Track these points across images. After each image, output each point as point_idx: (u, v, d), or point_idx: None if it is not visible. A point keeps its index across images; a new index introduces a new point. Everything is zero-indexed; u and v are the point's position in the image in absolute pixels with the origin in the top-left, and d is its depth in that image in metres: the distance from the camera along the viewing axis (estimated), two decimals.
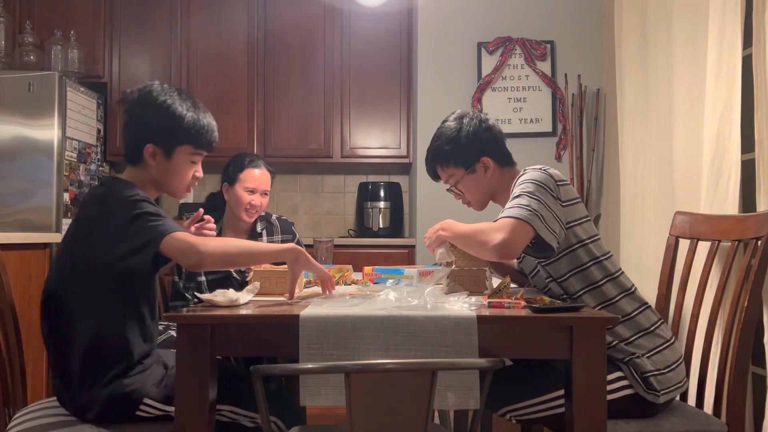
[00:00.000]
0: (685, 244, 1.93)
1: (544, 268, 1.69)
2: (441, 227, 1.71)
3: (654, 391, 1.54)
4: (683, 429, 1.55)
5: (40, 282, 2.55)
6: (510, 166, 1.84)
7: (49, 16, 3.95)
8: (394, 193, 4.08)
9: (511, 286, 1.63)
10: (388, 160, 4.06)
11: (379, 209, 4.01)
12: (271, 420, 1.51)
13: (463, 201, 1.89)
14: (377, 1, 3.83)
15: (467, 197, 1.86)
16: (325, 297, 1.56)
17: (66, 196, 3.47)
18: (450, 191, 1.90)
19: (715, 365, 1.75)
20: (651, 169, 2.65)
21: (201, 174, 1.63)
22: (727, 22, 2.02)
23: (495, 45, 3.66)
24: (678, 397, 1.71)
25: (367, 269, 2.04)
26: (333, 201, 4.43)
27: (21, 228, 3.29)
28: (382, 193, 4.03)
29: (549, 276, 1.68)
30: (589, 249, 1.64)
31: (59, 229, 3.38)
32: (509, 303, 1.41)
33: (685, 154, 2.31)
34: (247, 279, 1.77)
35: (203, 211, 1.93)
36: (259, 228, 2.57)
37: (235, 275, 2.51)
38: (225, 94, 4.02)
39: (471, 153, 1.80)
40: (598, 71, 3.61)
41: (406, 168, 4.23)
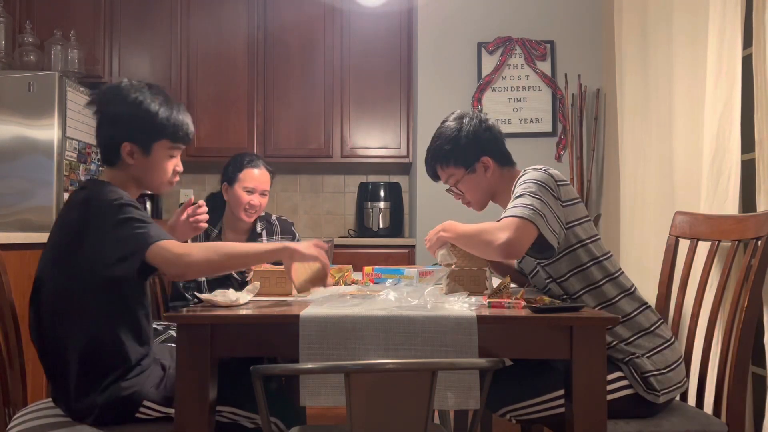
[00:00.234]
0: (685, 244, 1.93)
1: (543, 268, 1.69)
2: (442, 228, 1.70)
3: (654, 391, 1.54)
4: (683, 429, 1.55)
5: None
6: (510, 166, 1.84)
7: (49, 16, 3.95)
8: (394, 193, 4.08)
9: (511, 286, 1.63)
10: (388, 160, 4.06)
11: (379, 209, 4.01)
12: (272, 421, 1.51)
13: (463, 201, 1.89)
14: (377, 1, 3.83)
15: (467, 197, 1.86)
16: (327, 296, 1.55)
17: (66, 196, 3.47)
18: (449, 191, 1.89)
19: (715, 365, 1.75)
20: (651, 169, 2.65)
21: (181, 168, 1.61)
22: (727, 22, 2.02)
23: (495, 45, 3.66)
24: (678, 397, 1.71)
25: (367, 269, 2.04)
26: (333, 201, 4.43)
27: (21, 228, 3.29)
28: (382, 193, 4.03)
29: (549, 276, 1.68)
30: (589, 249, 1.64)
31: None
32: (509, 303, 1.41)
33: (685, 154, 2.31)
34: (247, 279, 1.77)
35: (193, 200, 1.91)
36: (259, 228, 2.57)
37: (235, 275, 2.51)
38: (225, 94, 4.02)
39: (471, 153, 1.80)
40: (598, 71, 3.61)
41: (406, 168, 4.23)
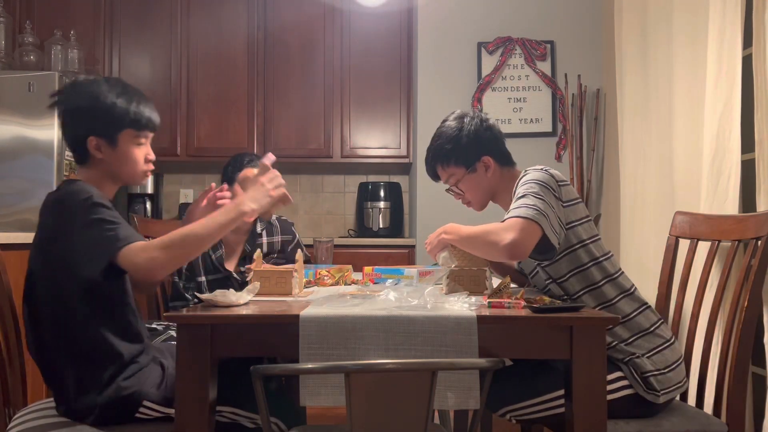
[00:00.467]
0: (685, 244, 1.93)
1: (543, 269, 1.69)
2: (443, 231, 1.69)
3: (654, 391, 1.54)
4: (683, 429, 1.55)
5: None
6: (510, 165, 1.84)
7: (49, 16, 3.95)
8: (394, 193, 4.07)
9: (511, 286, 1.63)
10: (388, 160, 4.06)
11: (379, 209, 4.01)
12: (272, 421, 1.51)
13: (463, 201, 1.88)
14: (377, 1, 3.83)
15: (467, 197, 1.86)
16: (327, 296, 1.55)
17: None
18: (449, 191, 1.89)
19: (715, 365, 1.75)
20: (651, 169, 2.65)
21: (152, 156, 1.59)
22: (727, 22, 2.02)
23: (495, 45, 3.66)
24: (678, 397, 1.71)
25: (367, 269, 2.04)
26: (333, 201, 4.43)
27: (21, 228, 3.29)
28: (382, 193, 4.03)
29: (549, 277, 1.68)
30: (590, 249, 1.64)
31: None
32: (509, 303, 1.41)
33: (685, 154, 2.31)
34: (247, 279, 1.77)
35: (215, 185, 1.88)
36: (259, 228, 2.57)
37: (235, 275, 2.51)
38: (225, 94, 4.02)
39: (472, 152, 1.79)
40: (598, 71, 3.61)
41: (406, 168, 4.23)
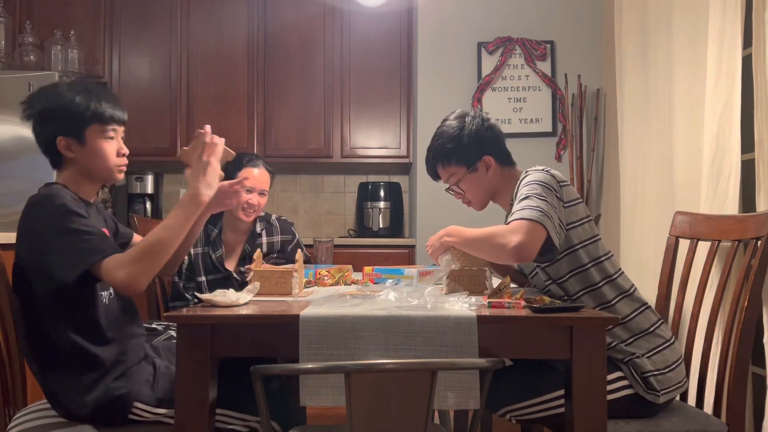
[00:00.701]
0: (685, 244, 1.93)
1: (543, 270, 1.68)
2: (445, 234, 1.68)
3: (654, 391, 1.54)
4: (683, 429, 1.55)
5: None
6: (510, 165, 1.84)
7: (49, 16, 3.95)
8: (394, 193, 4.07)
9: (511, 286, 1.63)
10: (388, 160, 4.06)
11: (379, 209, 4.01)
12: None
13: (463, 200, 1.88)
14: (377, 1, 3.83)
15: (468, 196, 1.85)
16: (327, 296, 1.55)
17: None
18: (449, 191, 1.89)
19: (715, 365, 1.75)
20: (651, 169, 2.65)
21: (125, 150, 1.59)
22: (727, 22, 2.02)
23: (495, 45, 3.66)
24: (678, 397, 1.71)
25: (367, 269, 2.04)
26: (333, 201, 4.43)
27: None
28: (382, 193, 4.03)
29: (548, 278, 1.68)
30: (590, 250, 1.64)
31: None
32: (509, 303, 1.41)
33: (685, 154, 2.31)
34: (247, 279, 1.77)
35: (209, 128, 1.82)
36: (259, 228, 2.57)
37: (235, 275, 2.51)
38: (225, 94, 4.02)
39: (473, 152, 1.79)
40: (598, 71, 3.61)
41: (406, 168, 4.23)
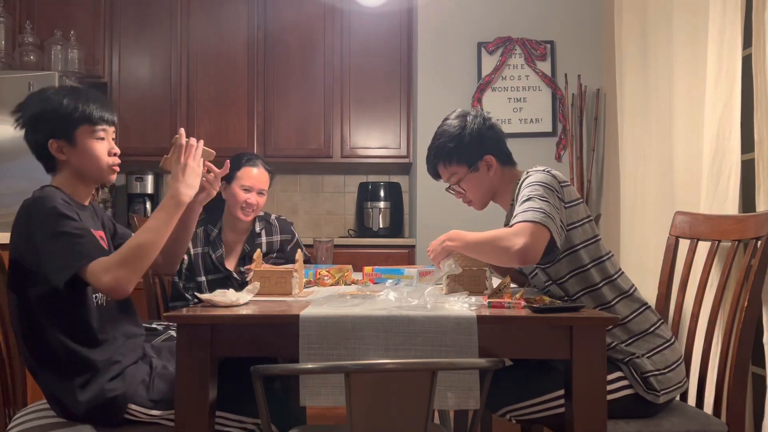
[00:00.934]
0: (685, 244, 1.93)
1: (543, 271, 1.68)
2: (447, 238, 1.68)
3: (654, 391, 1.54)
4: (683, 429, 1.55)
5: None
6: (511, 165, 1.84)
7: (49, 16, 3.95)
8: (394, 193, 4.07)
9: (511, 286, 1.63)
10: (388, 160, 4.05)
11: (379, 209, 4.01)
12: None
13: (464, 200, 1.87)
14: (377, 1, 3.83)
15: (468, 196, 1.85)
16: (327, 296, 1.55)
17: None
18: (449, 190, 1.88)
19: (715, 365, 1.75)
20: (651, 169, 2.65)
21: (117, 150, 1.60)
22: (727, 22, 2.02)
23: (495, 45, 3.66)
24: (678, 397, 1.71)
25: (367, 269, 2.04)
26: (333, 201, 4.43)
27: None
28: (382, 193, 4.03)
29: (548, 279, 1.68)
30: (590, 250, 1.64)
31: None
32: (509, 303, 1.41)
33: (685, 154, 2.31)
34: (247, 279, 1.77)
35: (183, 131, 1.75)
36: (258, 228, 2.57)
37: (235, 275, 2.51)
38: (225, 94, 4.02)
39: (475, 151, 1.78)
40: (598, 71, 3.61)
41: (406, 168, 4.23)
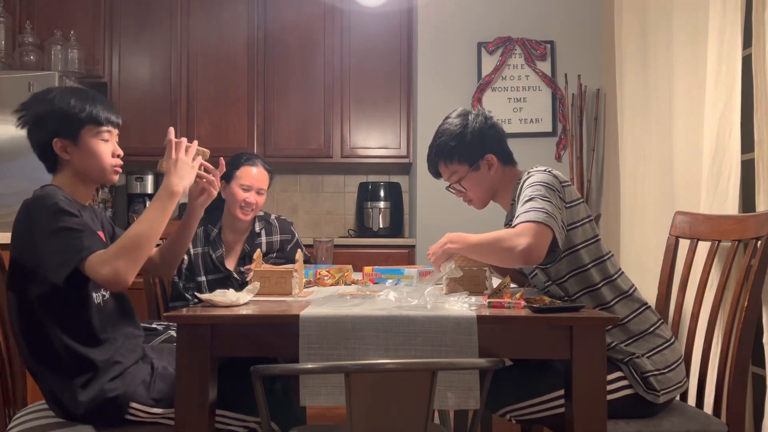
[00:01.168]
0: (685, 244, 1.93)
1: (543, 271, 1.68)
2: (448, 240, 1.68)
3: (654, 391, 1.54)
4: (683, 429, 1.55)
5: None
6: (512, 165, 1.84)
7: (49, 16, 3.95)
8: (394, 193, 4.07)
9: (511, 286, 1.63)
10: (388, 160, 4.05)
11: (379, 209, 4.01)
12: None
13: (464, 198, 1.87)
14: (377, 1, 3.83)
15: (469, 195, 1.84)
16: (327, 296, 1.55)
17: None
18: (449, 189, 1.88)
19: (715, 365, 1.75)
20: (651, 169, 2.65)
21: (120, 152, 1.61)
22: (727, 22, 2.02)
23: (495, 45, 3.66)
24: (678, 397, 1.71)
25: (367, 269, 2.04)
26: (333, 201, 4.43)
27: None
28: (382, 193, 4.03)
29: (548, 279, 1.68)
30: (591, 250, 1.64)
31: None
32: (509, 303, 1.41)
33: (685, 154, 2.31)
34: (247, 279, 1.77)
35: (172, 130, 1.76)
36: (258, 228, 2.57)
37: (235, 275, 2.51)
38: (225, 94, 4.02)
39: (476, 150, 1.78)
40: (598, 71, 3.61)
41: (406, 168, 4.23)
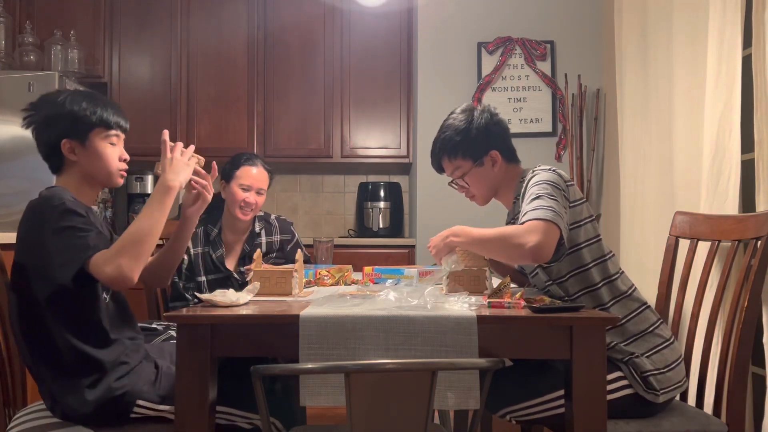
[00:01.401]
0: (685, 244, 1.93)
1: (544, 270, 1.68)
2: (451, 234, 1.66)
3: (653, 391, 1.54)
4: (683, 429, 1.55)
5: None
6: (515, 162, 1.83)
7: (49, 16, 3.95)
8: (394, 193, 4.07)
9: (511, 286, 1.63)
10: (388, 160, 4.05)
11: (379, 209, 4.01)
12: (270, 420, 1.51)
13: (467, 194, 1.86)
14: (377, 1, 3.83)
15: (472, 190, 1.84)
16: (327, 296, 1.55)
17: None
18: (451, 185, 1.87)
19: (715, 365, 1.74)
20: (651, 169, 2.65)
21: (126, 156, 1.62)
22: (727, 22, 2.02)
23: (495, 45, 3.66)
24: (678, 397, 1.71)
25: (367, 269, 2.04)
26: (333, 201, 4.43)
27: None
28: (382, 193, 4.03)
29: (549, 278, 1.68)
30: (592, 249, 1.65)
31: None
32: (509, 303, 1.41)
33: (685, 154, 2.31)
34: (247, 279, 1.77)
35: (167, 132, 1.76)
36: (258, 228, 2.57)
37: (235, 275, 2.51)
38: (225, 94, 4.02)
39: (481, 145, 1.78)
40: (598, 71, 3.61)
41: (406, 168, 4.23)
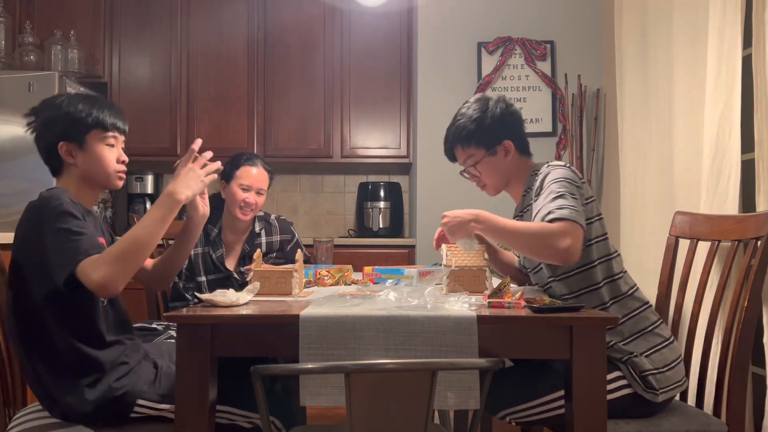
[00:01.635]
0: (685, 244, 1.93)
1: (550, 266, 1.68)
2: (473, 219, 1.61)
3: (653, 390, 1.54)
4: (683, 429, 1.55)
5: None
6: (527, 155, 1.83)
7: (49, 16, 3.95)
8: (394, 193, 4.08)
9: (511, 285, 1.63)
10: (388, 160, 4.06)
11: (379, 209, 4.01)
12: (271, 420, 1.51)
13: (478, 183, 1.85)
14: (377, 1, 3.83)
15: (483, 180, 1.83)
16: (327, 296, 1.55)
17: None
18: (463, 174, 1.86)
19: (715, 365, 1.74)
20: (651, 169, 2.65)
21: (125, 158, 1.62)
22: (727, 22, 2.02)
23: (495, 45, 3.66)
24: (678, 397, 1.71)
25: (367, 269, 2.04)
26: (333, 201, 4.43)
27: None
28: (382, 193, 4.03)
29: (552, 275, 1.68)
30: (600, 247, 1.65)
31: None
32: (509, 303, 1.41)
33: (685, 154, 2.31)
34: (247, 279, 1.77)
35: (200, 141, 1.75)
36: (258, 228, 2.57)
37: (235, 275, 2.51)
38: (225, 94, 4.02)
39: (495, 134, 1.77)
40: (598, 71, 3.61)
41: (406, 168, 4.23)
